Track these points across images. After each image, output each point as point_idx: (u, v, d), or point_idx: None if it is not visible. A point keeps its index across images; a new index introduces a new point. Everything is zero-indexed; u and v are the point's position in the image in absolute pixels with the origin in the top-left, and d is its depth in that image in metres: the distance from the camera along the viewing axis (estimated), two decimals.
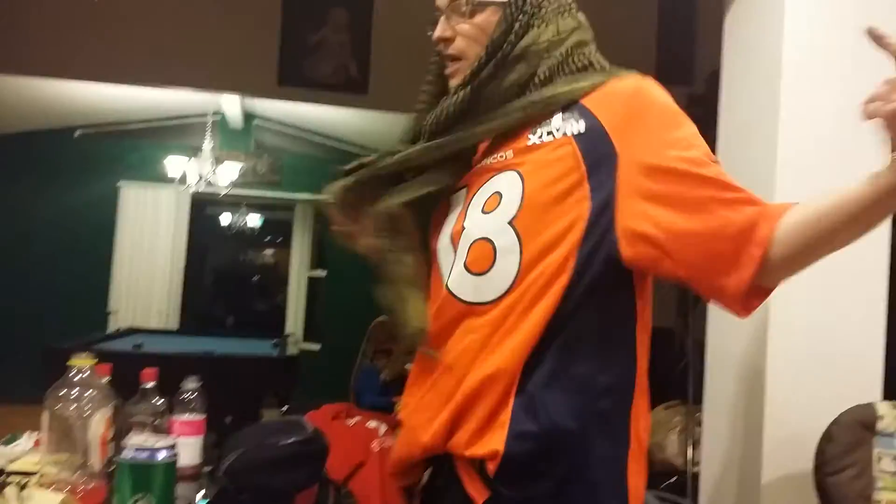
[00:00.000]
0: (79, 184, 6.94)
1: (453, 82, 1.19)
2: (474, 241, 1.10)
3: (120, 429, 1.43)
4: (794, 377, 2.02)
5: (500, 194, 1.10)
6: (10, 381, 5.20)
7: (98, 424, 1.29)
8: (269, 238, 10.63)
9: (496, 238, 1.08)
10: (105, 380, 1.42)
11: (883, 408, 1.93)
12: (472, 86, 1.13)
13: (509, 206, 1.08)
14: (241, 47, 4.21)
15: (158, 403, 1.47)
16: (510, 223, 1.07)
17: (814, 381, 2.02)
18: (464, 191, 1.18)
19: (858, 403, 1.94)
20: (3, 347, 5.98)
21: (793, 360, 2.02)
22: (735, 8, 2.19)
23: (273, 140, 7.38)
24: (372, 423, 3.23)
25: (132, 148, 7.05)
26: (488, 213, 1.10)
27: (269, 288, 10.58)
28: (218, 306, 10.10)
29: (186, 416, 1.49)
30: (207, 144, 6.44)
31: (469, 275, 1.10)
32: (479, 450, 1.07)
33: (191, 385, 1.50)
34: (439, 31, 1.21)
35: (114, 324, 6.74)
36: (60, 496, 1.17)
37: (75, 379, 1.29)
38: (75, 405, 1.26)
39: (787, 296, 1.97)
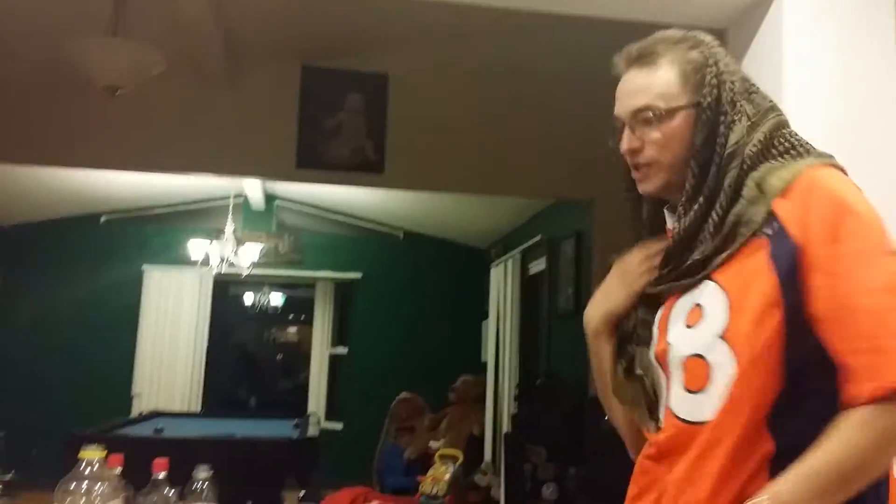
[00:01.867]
0: (104, 268, 7.05)
1: (645, 188, 1.20)
2: (687, 358, 1.10)
3: None
4: None
5: (700, 307, 1.10)
6: (38, 468, 5.17)
7: None
8: (291, 316, 10.65)
9: (708, 354, 1.07)
10: (117, 471, 1.41)
11: None
12: (697, 207, 1.13)
13: (714, 319, 1.08)
14: (261, 133, 4.32)
15: (170, 494, 1.45)
16: (721, 337, 1.06)
17: None
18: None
19: None
20: (31, 432, 5.97)
21: None
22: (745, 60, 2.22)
23: (294, 220, 7.49)
24: None
25: (156, 232, 7.18)
26: (691, 327, 1.11)
27: (292, 366, 10.54)
28: (241, 387, 10.06)
29: None
30: (229, 226, 6.55)
31: (687, 393, 1.10)
32: None
33: (202, 474, 1.48)
34: (626, 143, 1.19)
35: (137, 407, 6.73)
36: None
37: (86, 471, 1.27)
38: (84, 498, 1.25)
39: None
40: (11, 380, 6.51)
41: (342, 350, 7.69)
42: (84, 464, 1.28)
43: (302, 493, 3.72)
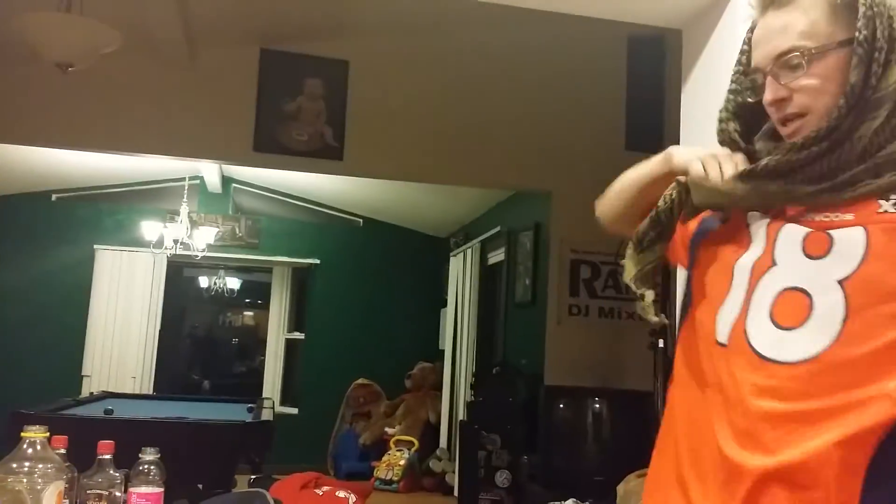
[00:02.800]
0: (55, 247, 6.91)
1: (800, 135, 1.03)
2: (787, 289, 0.97)
3: (76, 501, 1.41)
4: None
5: (831, 239, 0.96)
6: None
7: (50, 498, 1.27)
8: (247, 301, 10.58)
9: (817, 294, 0.94)
10: (60, 451, 1.40)
11: None
12: (829, 140, 0.99)
13: (843, 261, 0.94)
14: (218, 115, 4.27)
15: (115, 475, 1.45)
16: (840, 283, 0.93)
17: None
18: (765, 221, 1.04)
19: None
20: None
21: None
22: (690, 84, 2.27)
23: (252, 203, 7.42)
24: (342, 493, 3.17)
25: (109, 212, 7.06)
26: (813, 258, 0.97)
27: (247, 351, 10.48)
28: (194, 370, 9.98)
29: (144, 489, 1.47)
30: (184, 208, 6.46)
31: (772, 326, 0.97)
32: None
33: (149, 457, 1.48)
34: (772, 93, 1.04)
35: (87, 388, 6.63)
36: None
37: (28, 451, 1.26)
38: (26, 478, 1.24)
39: None
40: None
41: (299, 335, 7.66)
42: (27, 444, 1.27)
43: (254, 477, 3.72)
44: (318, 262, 7.46)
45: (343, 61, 4.36)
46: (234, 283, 9.76)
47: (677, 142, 2.71)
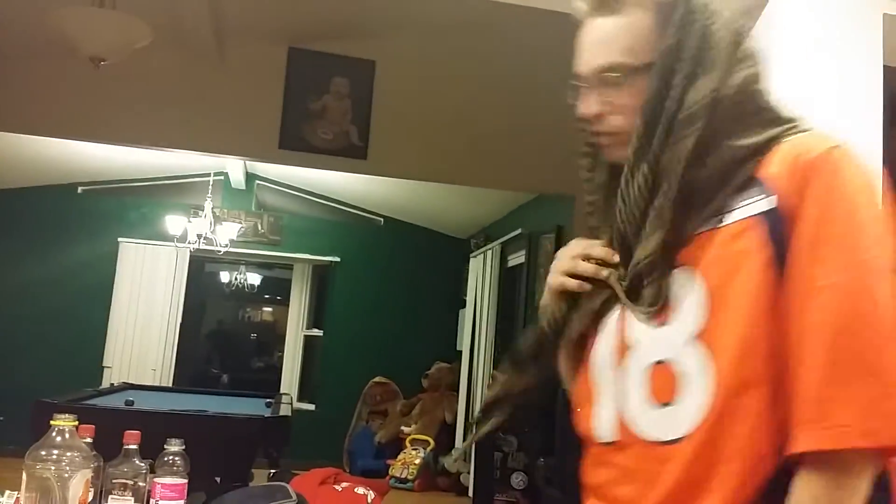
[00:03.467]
0: (80, 239, 6.99)
1: (614, 156, 0.99)
2: (652, 364, 0.90)
3: (101, 490, 1.43)
4: None
5: (669, 300, 0.89)
6: (6, 435, 5.15)
7: (77, 486, 1.29)
8: (267, 296, 10.64)
9: (677, 361, 0.88)
10: (87, 440, 1.42)
11: None
12: (641, 177, 0.92)
13: (687, 316, 0.87)
14: (245, 112, 4.30)
15: (140, 465, 1.47)
16: (694, 340, 0.86)
17: None
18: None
19: None
20: (1, 400, 5.92)
21: None
22: None
23: (274, 200, 7.46)
24: (360, 490, 3.18)
25: (133, 205, 7.13)
26: (661, 325, 0.89)
27: (266, 346, 10.55)
28: (214, 364, 10.05)
29: (168, 480, 1.48)
30: (208, 204, 6.52)
31: (650, 406, 0.90)
32: None
33: (173, 448, 1.49)
34: (586, 106, 0.98)
35: (107, 379, 6.70)
36: None
37: (56, 439, 1.28)
38: (55, 466, 1.26)
39: None
40: None
41: (317, 332, 7.69)
42: (55, 431, 1.29)
43: (272, 472, 3.74)
44: (338, 259, 7.49)
45: (370, 61, 4.37)
46: (254, 278, 9.82)
47: None
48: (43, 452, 1.27)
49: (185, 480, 1.50)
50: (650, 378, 0.90)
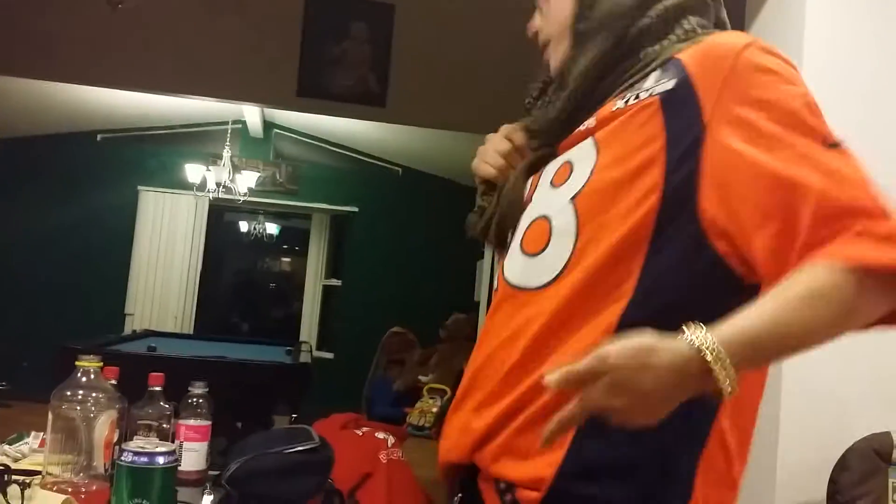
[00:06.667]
0: (99, 187, 7.01)
1: (555, 69, 1.06)
2: (534, 220, 0.96)
3: (126, 431, 1.44)
4: (808, 404, 1.99)
5: (570, 165, 0.95)
6: (29, 380, 5.25)
7: (103, 426, 1.29)
8: (285, 246, 10.67)
9: (554, 217, 0.92)
10: (112, 382, 1.42)
11: None
12: (559, 83, 1.02)
13: (576, 180, 0.92)
14: (261, 58, 4.24)
15: (165, 407, 1.48)
16: (572, 200, 0.91)
17: (828, 408, 1.99)
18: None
19: (875, 432, 1.91)
20: (24, 347, 6.03)
21: (807, 388, 1.99)
22: (755, 29, 2.18)
23: (292, 149, 7.42)
24: (380, 434, 3.22)
25: (152, 153, 7.12)
26: (556, 186, 0.96)
27: (285, 296, 10.61)
28: (233, 312, 10.15)
29: (193, 421, 1.49)
30: (226, 152, 6.49)
31: (521, 255, 0.95)
32: (512, 472, 0.88)
33: (198, 390, 1.50)
34: (531, 24, 1.09)
35: (130, 326, 6.79)
36: (63, 497, 1.17)
37: (82, 380, 1.29)
38: (80, 406, 1.26)
39: None
40: (2, 293, 6.54)
41: (335, 282, 7.72)
42: (80, 373, 1.29)
43: (293, 417, 3.79)
44: (356, 209, 7.48)
45: (390, 5, 4.28)
46: (273, 228, 9.84)
47: None
48: (68, 393, 1.27)
49: (210, 422, 1.51)
50: (530, 231, 0.96)
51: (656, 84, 0.90)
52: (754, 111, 0.83)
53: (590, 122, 0.95)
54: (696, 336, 0.73)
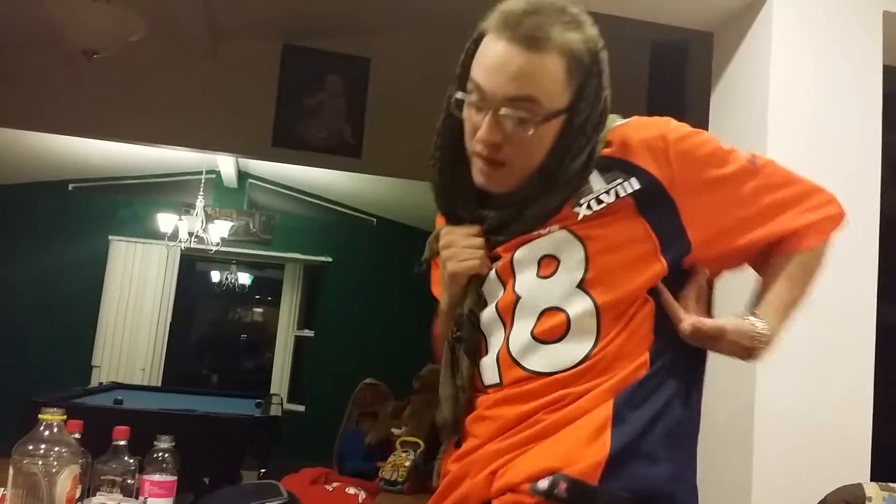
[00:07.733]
0: (70, 237, 6.93)
1: (488, 187, 1.07)
2: (542, 312, 1.03)
3: (89, 487, 1.40)
4: (781, 456, 1.99)
5: (555, 258, 1.03)
6: None
7: (65, 482, 1.25)
8: (258, 297, 10.59)
9: (567, 305, 1.02)
10: (75, 436, 1.39)
11: (871, 489, 1.90)
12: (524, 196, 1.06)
13: (572, 269, 1.02)
14: (238, 109, 4.28)
15: (130, 462, 1.44)
16: (580, 286, 1.02)
17: (802, 460, 2.00)
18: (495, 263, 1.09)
19: (846, 483, 1.91)
20: None
21: (780, 439, 2.00)
22: (720, 87, 2.24)
23: (266, 199, 7.42)
24: (351, 490, 3.15)
25: (125, 203, 7.07)
26: (546, 277, 1.04)
27: (256, 347, 10.49)
28: (203, 364, 9.99)
29: (158, 477, 1.46)
30: (200, 202, 6.47)
31: (540, 344, 1.03)
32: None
33: (164, 444, 1.47)
34: (487, 133, 1.00)
35: (96, 378, 6.64)
36: None
37: (45, 434, 1.25)
38: (42, 461, 1.23)
39: (775, 373, 1.96)
40: None
41: (308, 333, 7.65)
42: (43, 426, 1.25)
43: (262, 471, 3.71)
44: (330, 260, 7.45)
45: (365, 59, 4.35)
46: (245, 278, 9.77)
47: None
48: (30, 447, 1.24)
49: (175, 478, 1.47)
50: (539, 322, 1.03)
51: (611, 184, 1.02)
52: (699, 168, 1.06)
53: (552, 228, 1.03)
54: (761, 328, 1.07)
